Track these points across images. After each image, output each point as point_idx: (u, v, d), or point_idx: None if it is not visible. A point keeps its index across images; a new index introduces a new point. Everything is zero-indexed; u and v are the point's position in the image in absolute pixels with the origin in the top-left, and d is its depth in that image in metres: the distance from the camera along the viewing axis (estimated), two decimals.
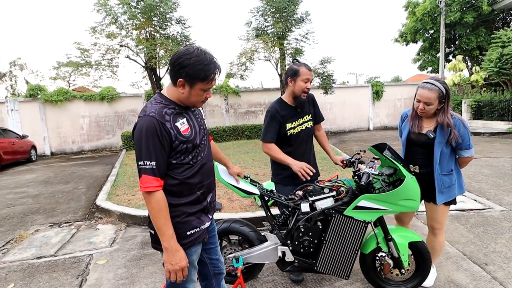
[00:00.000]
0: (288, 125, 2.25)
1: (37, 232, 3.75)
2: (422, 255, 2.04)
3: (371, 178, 1.88)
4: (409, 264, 2.02)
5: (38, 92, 11.91)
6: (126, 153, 10.26)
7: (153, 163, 1.24)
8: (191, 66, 1.25)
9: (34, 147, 10.67)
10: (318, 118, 2.44)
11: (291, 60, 2.29)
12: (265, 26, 10.91)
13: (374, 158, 2.07)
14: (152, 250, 3.03)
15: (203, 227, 1.45)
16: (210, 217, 1.53)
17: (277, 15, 10.31)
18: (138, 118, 1.33)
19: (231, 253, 2.11)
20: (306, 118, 2.33)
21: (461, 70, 16.84)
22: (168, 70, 1.40)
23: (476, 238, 2.95)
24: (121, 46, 10.51)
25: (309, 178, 2.10)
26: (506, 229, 3.11)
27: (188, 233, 1.39)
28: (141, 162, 1.25)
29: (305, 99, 2.26)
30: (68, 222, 4.04)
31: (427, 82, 1.94)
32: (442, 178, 2.02)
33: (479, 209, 3.68)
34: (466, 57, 17.84)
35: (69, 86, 16.79)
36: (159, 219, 1.26)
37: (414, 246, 2.03)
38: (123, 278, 2.54)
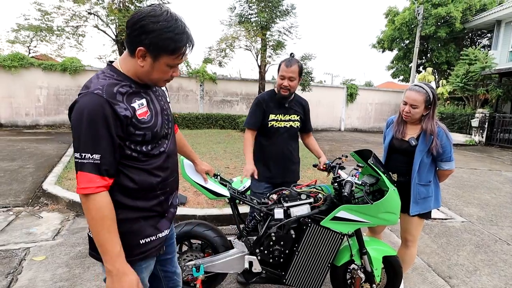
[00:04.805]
0: (272, 116, 2.17)
1: None
2: (394, 270, 1.95)
3: (353, 188, 1.73)
4: (381, 279, 1.93)
5: None
6: None
7: (97, 156, 0.94)
8: (158, 33, 0.96)
9: None
10: (306, 127, 2.37)
11: (289, 54, 2.16)
12: (249, 14, 10.53)
13: (358, 165, 1.92)
14: None
15: (160, 235, 1.18)
16: (170, 224, 1.25)
17: (263, 4, 9.98)
18: (78, 95, 0.99)
19: (191, 259, 1.86)
20: (294, 117, 2.24)
21: (430, 82, 17.77)
22: (125, 35, 1.04)
23: (440, 248, 2.98)
24: (90, 13, 9.58)
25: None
26: (466, 241, 3.19)
27: (142, 241, 1.11)
28: (77, 155, 0.94)
29: (289, 98, 2.16)
30: (6, 207, 3.51)
31: (416, 85, 1.92)
32: (418, 188, 1.97)
33: (442, 219, 3.78)
34: (435, 70, 18.82)
35: (29, 53, 15.10)
36: (101, 232, 0.96)
37: (387, 260, 1.94)
38: (62, 279, 2.18)
